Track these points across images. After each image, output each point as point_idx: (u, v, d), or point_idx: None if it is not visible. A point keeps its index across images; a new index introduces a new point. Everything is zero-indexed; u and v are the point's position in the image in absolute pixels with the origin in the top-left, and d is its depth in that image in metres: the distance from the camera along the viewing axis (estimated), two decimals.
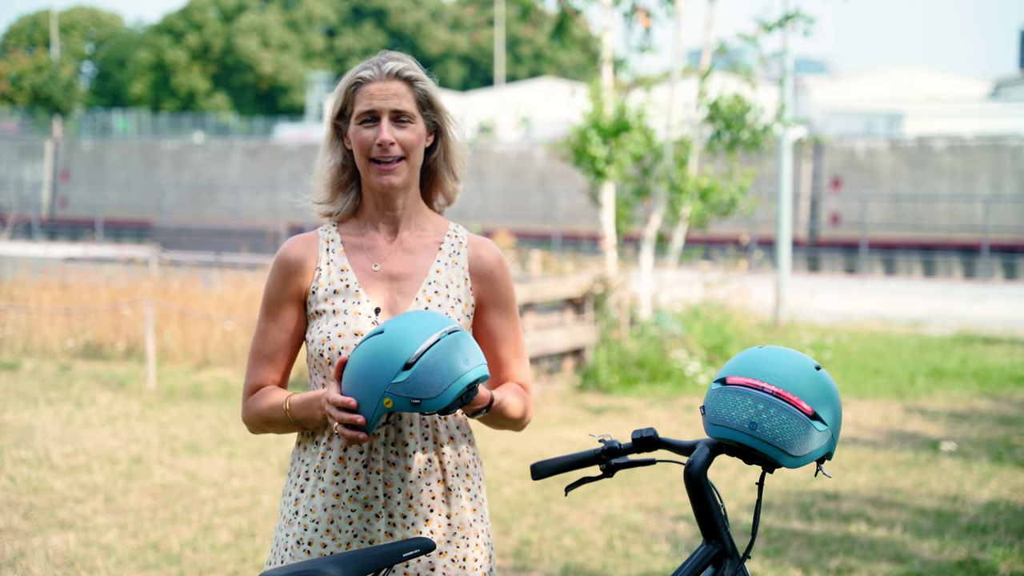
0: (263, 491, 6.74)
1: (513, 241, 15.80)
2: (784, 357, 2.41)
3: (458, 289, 2.60)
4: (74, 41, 67.54)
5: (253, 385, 2.62)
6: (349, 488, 2.51)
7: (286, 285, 2.59)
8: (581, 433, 8.49)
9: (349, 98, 2.56)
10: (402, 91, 2.54)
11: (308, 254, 2.60)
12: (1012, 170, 25.36)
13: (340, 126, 2.59)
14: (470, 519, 2.59)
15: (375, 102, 2.52)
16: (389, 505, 2.52)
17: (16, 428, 8.28)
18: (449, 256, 2.62)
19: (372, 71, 2.54)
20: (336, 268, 2.58)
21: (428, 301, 2.56)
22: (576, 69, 13.89)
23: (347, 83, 2.57)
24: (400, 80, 2.54)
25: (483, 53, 65.73)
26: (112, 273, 13.27)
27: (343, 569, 2.30)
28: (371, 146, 2.52)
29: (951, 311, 16.87)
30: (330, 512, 2.51)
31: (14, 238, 26.62)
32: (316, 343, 2.54)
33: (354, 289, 2.56)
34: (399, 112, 2.53)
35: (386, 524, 2.52)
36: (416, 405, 2.29)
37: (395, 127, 2.53)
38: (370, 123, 2.53)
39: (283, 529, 2.58)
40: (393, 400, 2.30)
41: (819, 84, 49.05)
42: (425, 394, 2.29)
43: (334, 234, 2.62)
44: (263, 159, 34.12)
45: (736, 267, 16.10)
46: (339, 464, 2.52)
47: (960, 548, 5.74)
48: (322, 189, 2.63)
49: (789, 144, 14.61)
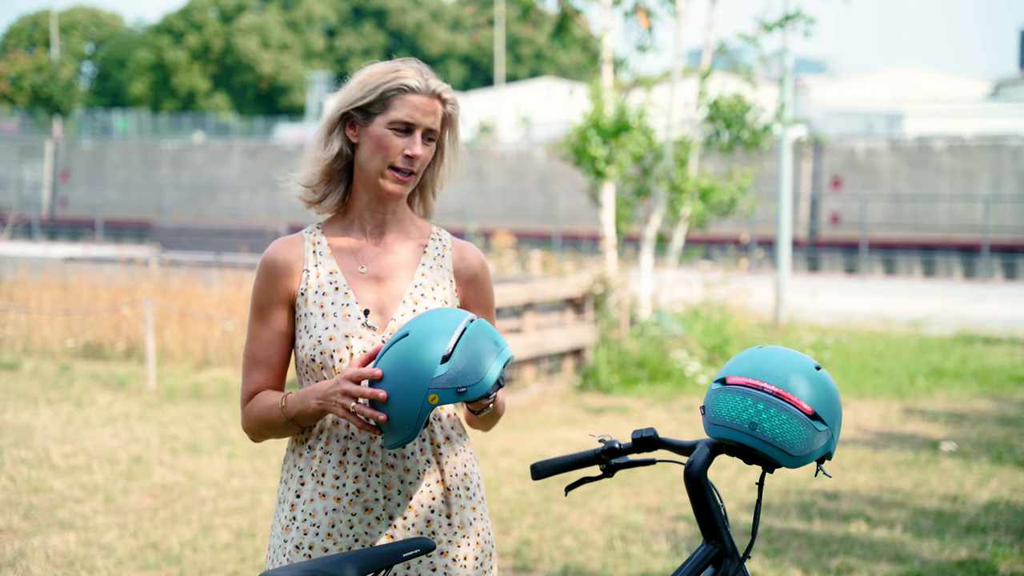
0: (263, 491, 6.74)
1: (513, 241, 15.80)
2: (784, 357, 2.41)
3: (444, 291, 2.61)
4: (74, 41, 67.54)
5: (249, 392, 2.59)
6: (349, 491, 2.50)
7: (274, 288, 2.57)
8: (581, 433, 8.49)
9: (384, 99, 2.51)
10: (439, 111, 2.55)
11: (294, 256, 2.58)
12: (1012, 170, 25.36)
13: (351, 117, 2.55)
14: (470, 518, 2.59)
15: (416, 115, 2.50)
16: (389, 507, 2.51)
17: (16, 428, 8.28)
18: (434, 259, 2.63)
19: (419, 83, 2.51)
20: (325, 270, 2.57)
21: (415, 304, 2.56)
22: (576, 69, 13.90)
23: (387, 84, 2.50)
24: (439, 100, 2.54)
25: (483, 53, 65.73)
26: (112, 273, 13.26)
27: (344, 569, 2.30)
28: (398, 155, 2.51)
29: (951, 311, 16.87)
30: (331, 516, 2.50)
31: (14, 238, 26.63)
32: (307, 348, 2.53)
33: (343, 291, 2.55)
34: (430, 131, 2.53)
35: (387, 526, 2.51)
36: (462, 393, 2.29)
37: (423, 143, 2.53)
38: (402, 132, 2.51)
39: (280, 536, 2.56)
40: (439, 394, 2.29)
41: (819, 84, 49.03)
42: (469, 380, 2.29)
43: (319, 236, 2.61)
44: (263, 159, 34.11)
45: (736, 267, 16.10)
46: (339, 468, 2.50)
47: (960, 548, 5.73)
48: (313, 174, 2.58)
49: (789, 144, 14.61)
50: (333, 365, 2.50)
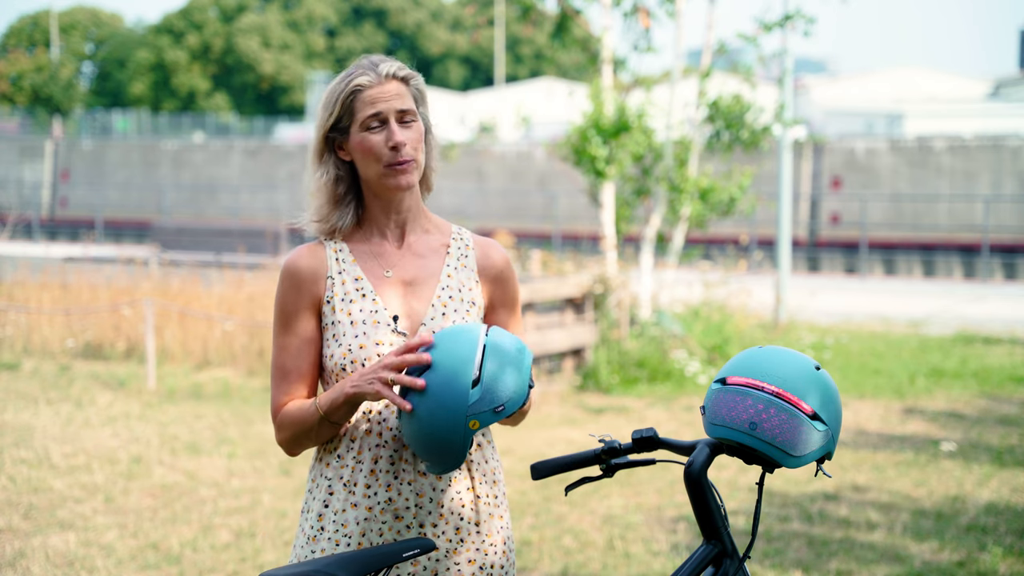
0: (263, 491, 6.74)
1: (513, 241, 15.81)
2: (784, 357, 2.41)
3: (471, 292, 2.58)
4: (74, 41, 67.54)
5: (281, 404, 2.53)
6: (381, 500, 2.47)
7: (300, 294, 2.53)
8: (581, 433, 8.49)
9: (347, 108, 2.49)
10: (402, 90, 2.51)
11: (317, 263, 2.54)
12: (1012, 170, 25.36)
13: (333, 138, 2.53)
14: (498, 526, 2.57)
15: (380, 105, 2.47)
16: (420, 515, 2.49)
17: (16, 428, 8.28)
18: (458, 259, 2.60)
19: (368, 76, 2.48)
20: (350, 277, 2.53)
21: (444, 306, 2.54)
22: (576, 69, 13.90)
23: (342, 93, 2.49)
24: (397, 80, 2.51)
25: (483, 53, 65.74)
26: (112, 273, 13.27)
27: (345, 569, 2.30)
28: (382, 151, 2.48)
29: (951, 311, 16.87)
30: (362, 525, 2.47)
31: (14, 238, 26.62)
32: (336, 357, 2.49)
33: (371, 297, 2.52)
34: (403, 111, 2.49)
35: (416, 534, 2.49)
36: (500, 412, 2.27)
37: (402, 128, 2.50)
38: (377, 128, 2.48)
39: (306, 546, 2.51)
40: (478, 419, 2.27)
41: (819, 84, 49.06)
42: (503, 397, 2.27)
43: (340, 243, 2.57)
44: (263, 159, 34.11)
45: (736, 267, 16.10)
46: (370, 476, 2.47)
47: (960, 548, 5.73)
48: (322, 206, 2.56)
49: (789, 144, 14.61)
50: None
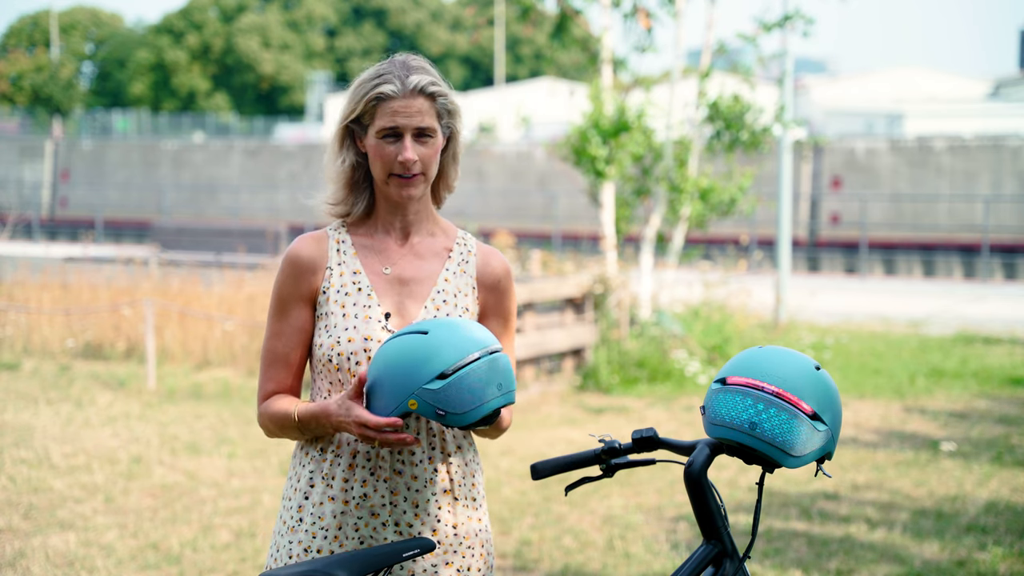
0: (263, 491, 6.74)
1: (513, 241, 15.80)
2: (784, 357, 2.41)
3: (466, 298, 2.59)
4: (74, 41, 67.53)
5: (267, 390, 2.58)
6: (356, 495, 2.49)
7: (298, 283, 2.55)
8: (581, 433, 8.49)
9: (368, 109, 2.49)
10: (425, 107, 2.48)
11: (319, 253, 2.56)
12: (1012, 170, 25.36)
13: (354, 129, 2.54)
14: (475, 528, 2.58)
15: (399, 119, 2.46)
16: (395, 513, 2.50)
17: (16, 428, 8.28)
18: (458, 264, 2.61)
19: (395, 87, 2.46)
20: (348, 270, 2.55)
21: (437, 309, 2.55)
22: (576, 69, 13.90)
23: (366, 95, 2.48)
24: (424, 96, 2.48)
25: (483, 53, 65.73)
26: (112, 273, 13.26)
27: (344, 569, 2.30)
28: (392, 162, 2.48)
29: (951, 311, 16.87)
30: (339, 519, 2.49)
31: (14, 238, 26.62)
32: (324, 347, 2.52)
33: (366, 292, 2.54)
34: (422, 129, 2.48)
35: (392, 532, 2.50)
36: (441, 417, 2.28)
37: (417, 144, 2.49)
38: (392, 139, 2.48)
39: (285, 535, 2.55)
40: (419, 404, 2.28)
41: (819, 84, 49.04)
42: (452, 408, 2.27)
43: (344, 235, 2.59)
44: (263, 159, 34.11)
45: (736, 267, 16.10)
46: (348, 471, 2.50)
47: (960, 548, 5.73)
48: (338, 190, 2.58)
49: (789, 144, 14.61)
50: (349, 368, 2.50)
